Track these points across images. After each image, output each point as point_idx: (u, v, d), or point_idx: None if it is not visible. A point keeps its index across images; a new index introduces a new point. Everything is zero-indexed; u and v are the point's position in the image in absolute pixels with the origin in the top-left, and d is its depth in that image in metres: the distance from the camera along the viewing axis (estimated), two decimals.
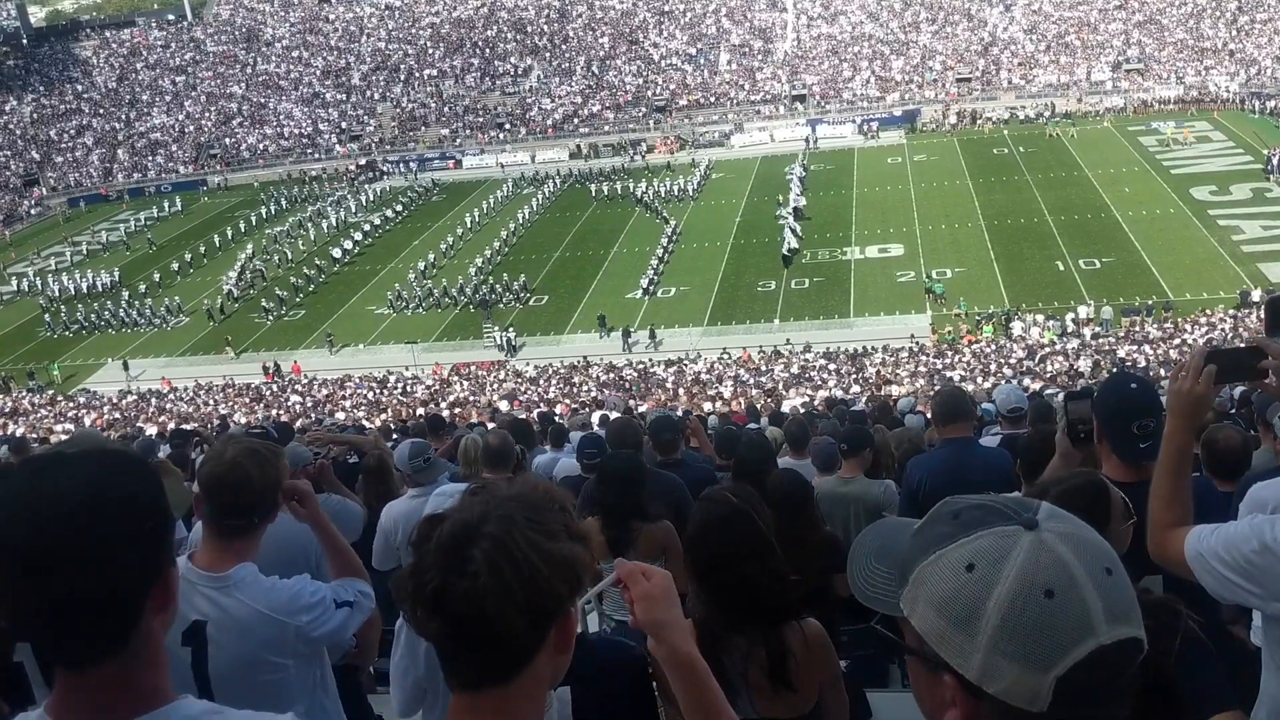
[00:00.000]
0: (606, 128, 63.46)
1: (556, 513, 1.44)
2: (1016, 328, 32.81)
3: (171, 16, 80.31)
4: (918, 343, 32.35)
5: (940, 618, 1.14)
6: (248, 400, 31.74)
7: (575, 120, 64.57)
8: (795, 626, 2.82)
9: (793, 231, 41.98)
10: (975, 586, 1.12)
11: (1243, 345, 2.65)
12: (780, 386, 26.81)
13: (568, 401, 25.89)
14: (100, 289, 46.72)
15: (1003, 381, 21.63)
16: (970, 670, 1.12)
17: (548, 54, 70.39)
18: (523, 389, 30.09)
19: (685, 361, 32.64)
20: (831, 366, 29.45)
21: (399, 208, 53.89)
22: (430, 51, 72.24)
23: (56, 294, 46.31)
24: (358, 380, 33.74)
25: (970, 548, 1.15)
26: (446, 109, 67.28)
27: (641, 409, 19.69)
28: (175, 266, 48.06)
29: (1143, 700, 2.31)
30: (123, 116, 71.13)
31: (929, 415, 9.25)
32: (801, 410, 16.65)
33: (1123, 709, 1.16)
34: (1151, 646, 2.28)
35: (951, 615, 1.13)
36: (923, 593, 1.17)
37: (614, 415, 13.75)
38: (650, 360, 33.65)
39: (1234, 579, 2.40)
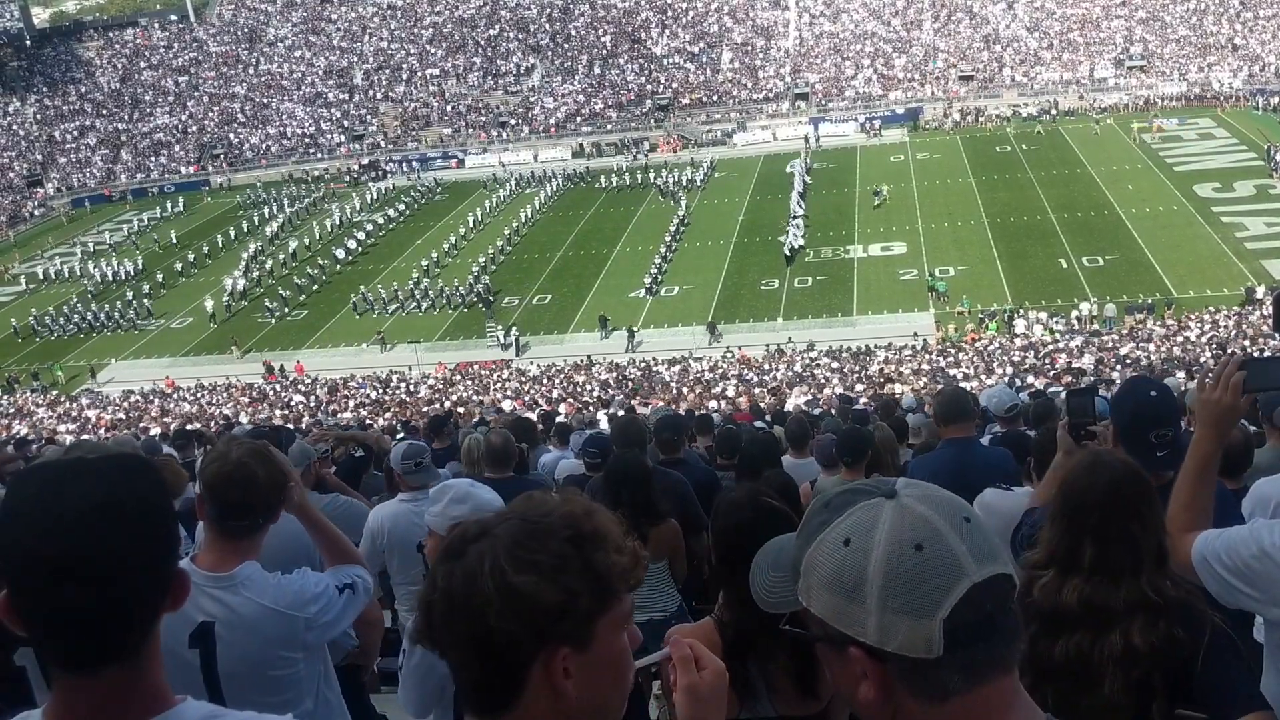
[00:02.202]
0: (609, 126, 63.45)
1: (551, 542, 1.34)
2: (1019, 325, 32.78)
3: (174, 17, 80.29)
4: (922, 340, 32.32)
5: (832, 594, 1.24)
6: (249, 400, 31.75)
7: (578, 119, 64.56)
8: None
9: (794, 227, 41.97)
10: (854, 557, 1.22)
11: (1273, 355, 2.66)
12: (783, 385, 26.78)
13: (571, 400, 25.90)
14: (124, 276, 48.01)
15: (1003, 380, 21.63)
16: (869, 634, 1.21)
17: (550, 53, 70.39)
18: (526, 388, 30.10)
19: (689, 360, 32.65)
20: (835, 365, 29.43)
21: (401, 207, 53.93)
22: (432, 51, 72.26)
23: (95, 281, 47.80)
24: (360, 380, 33.77)
25: (843, 526, 1.25)
26: (449, 108, 67.31)
27: (644, 409, 19.66)
28: (179, 267, 48.34)
29: (1169, 692, 2.34)
30: (126, 117, 71.22)
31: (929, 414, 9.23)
32: (805, 408, 16.62)
33: (1016, 643, 1.26)
34: (1181, 644, 2.31)
35: (841, 589, 1.23)
36: (814, 578, 1.27)
37: (619, 414, 13.77)
38: (654, 359, 33.65)
39: (1234, 582, 2.43)
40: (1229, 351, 23.07)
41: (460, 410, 22.96)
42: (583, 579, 1.35)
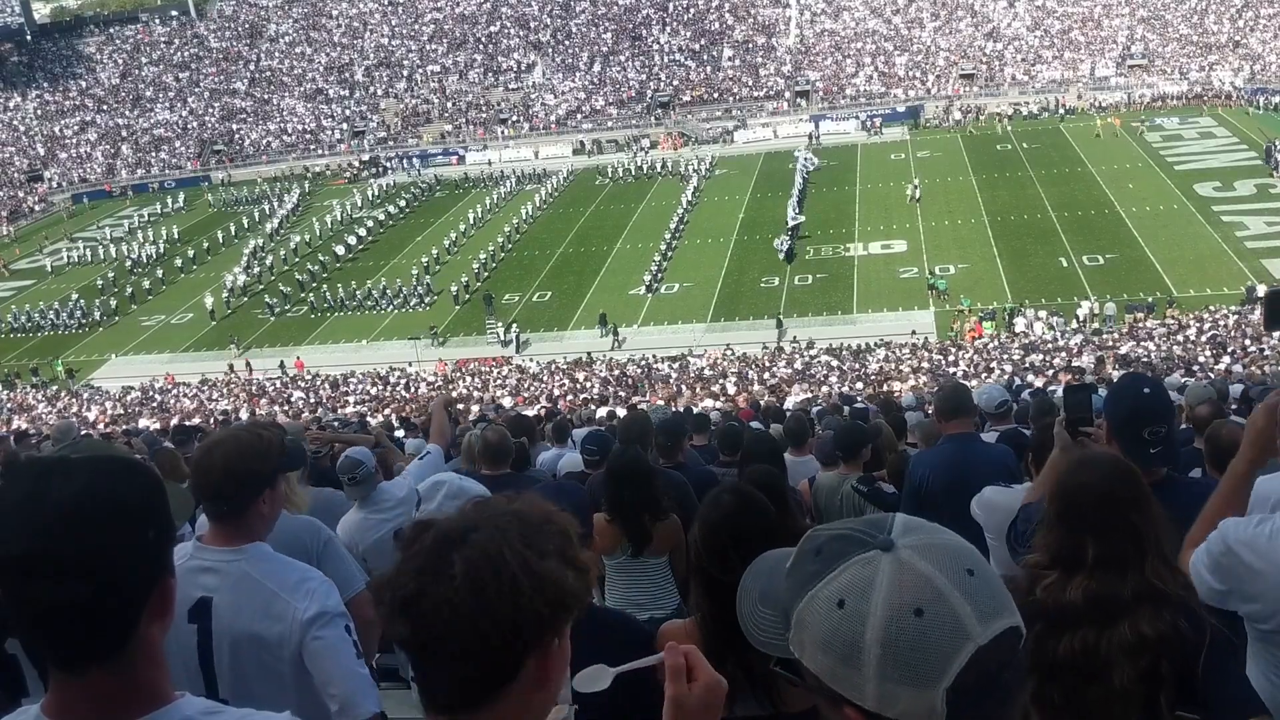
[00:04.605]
0: (610, 123, 63.42)
1: (553, 534, 1.37)
2: (1019, 324, 32.78)
3: (175, 12, 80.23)
4: (922, 338, 32.31)
5: (826, 656, 1.16)
6: (249, 395, 31.75)
7: (579, 116, 64.54)
8: None
9: (791, 231, 41.96)
10: (849, 622, 1.14)
11: None
12: (782, 383, 26.77)
13: (571, 398, 25.90)
14: (146, 260, 49.24)
15: (1003, 379, 21.65)
16: (867, 700, 1.14)
17: (551, 50, 70.33)
18: (526, 385, 30.11)
19: (688, 357, 32.65)
20: (834, 363, 29.43)
21: (402, 203, 53.94)
22: (433, 47, 72.21)
23: (114, 264, 48.95)
24: (359, 376, 33.76)
25: (837, 584, 1.17)
26: (450, 105, 67.27)
27: (643, 406, 19.65)
28: (179, 263, 48.38)
29: (1176, 683, 2.35)
30: (126, 112, 71.20)
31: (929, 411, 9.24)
32: (804, 406, 16.62)
33: (1020, 692, 1.19)
34: (1181, 648, 2.32)
35: (835, 652, 1.15)
36: (805, 635, 1.19)
37: (620, 411, 13.75)
38: (648, 358, 33.64)
39: (1209, 578, 2.47)
40: (1229, 350, 23.07)
41: (460, 407, 22.95)
42: (577, 570, 1.38)
